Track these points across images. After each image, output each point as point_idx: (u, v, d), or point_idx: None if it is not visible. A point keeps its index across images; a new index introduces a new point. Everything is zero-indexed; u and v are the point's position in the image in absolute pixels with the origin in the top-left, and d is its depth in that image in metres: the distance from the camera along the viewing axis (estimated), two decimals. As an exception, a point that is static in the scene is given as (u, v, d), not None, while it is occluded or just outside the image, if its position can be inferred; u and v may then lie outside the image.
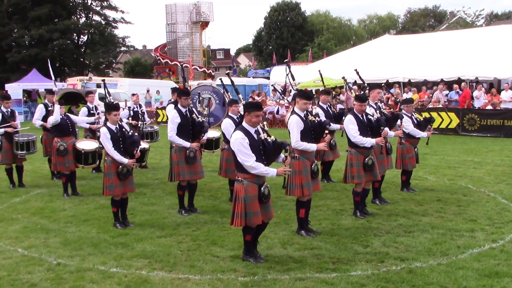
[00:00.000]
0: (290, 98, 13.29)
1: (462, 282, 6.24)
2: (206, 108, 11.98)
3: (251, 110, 6.79)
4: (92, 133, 13.28)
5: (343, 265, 6.90)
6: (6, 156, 12.05)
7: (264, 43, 74.88)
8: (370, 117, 9.06)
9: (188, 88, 9.44)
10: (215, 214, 9.64)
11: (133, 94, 15.84)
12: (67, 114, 12.07)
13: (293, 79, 9.06)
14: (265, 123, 7.14)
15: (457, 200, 10.40)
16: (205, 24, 59.63)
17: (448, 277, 6.41)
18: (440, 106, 23.48)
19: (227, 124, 9.93)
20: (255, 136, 6.79)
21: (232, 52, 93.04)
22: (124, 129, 8.71)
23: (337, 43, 67.92)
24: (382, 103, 10.18)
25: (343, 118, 10.13)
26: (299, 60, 55.53)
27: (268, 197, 6.94)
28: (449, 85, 26.43)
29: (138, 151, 8.89)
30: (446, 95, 25.39)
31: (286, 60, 8.73)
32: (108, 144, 8.45)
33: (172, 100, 11.75)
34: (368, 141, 8.87)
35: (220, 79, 11.73)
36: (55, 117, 11.26)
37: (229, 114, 10.19)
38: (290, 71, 9.45)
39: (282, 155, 7.02)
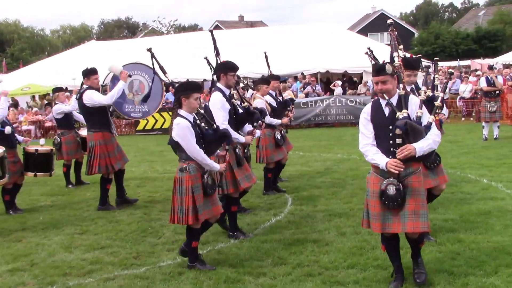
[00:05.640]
0: None
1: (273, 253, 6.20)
2: (138, 94, 8.74)
3: None
4: None
5: (147, 258, 6.27)
6: None
7: None
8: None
9: None
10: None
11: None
12: None
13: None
14: None
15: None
16: None
17: (257, 250, 6.32)
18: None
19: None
20: None
21: None
22: (201, 120, 5.93)
23: (32, 53, 64.09)
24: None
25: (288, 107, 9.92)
26: (-7, 71, 50.68)
27: None
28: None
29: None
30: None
31: None
32: (193, 141, 5.63)
33: (86, 86, 8.60)
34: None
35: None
36: None
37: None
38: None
39: None
